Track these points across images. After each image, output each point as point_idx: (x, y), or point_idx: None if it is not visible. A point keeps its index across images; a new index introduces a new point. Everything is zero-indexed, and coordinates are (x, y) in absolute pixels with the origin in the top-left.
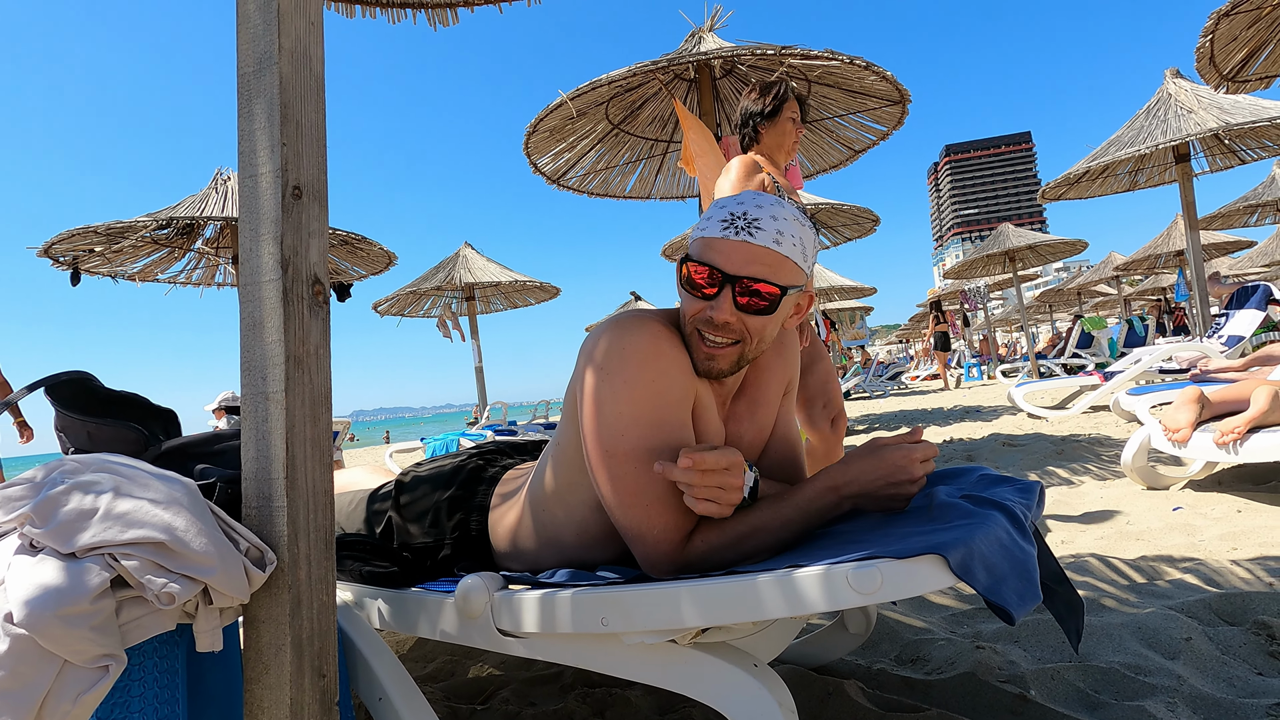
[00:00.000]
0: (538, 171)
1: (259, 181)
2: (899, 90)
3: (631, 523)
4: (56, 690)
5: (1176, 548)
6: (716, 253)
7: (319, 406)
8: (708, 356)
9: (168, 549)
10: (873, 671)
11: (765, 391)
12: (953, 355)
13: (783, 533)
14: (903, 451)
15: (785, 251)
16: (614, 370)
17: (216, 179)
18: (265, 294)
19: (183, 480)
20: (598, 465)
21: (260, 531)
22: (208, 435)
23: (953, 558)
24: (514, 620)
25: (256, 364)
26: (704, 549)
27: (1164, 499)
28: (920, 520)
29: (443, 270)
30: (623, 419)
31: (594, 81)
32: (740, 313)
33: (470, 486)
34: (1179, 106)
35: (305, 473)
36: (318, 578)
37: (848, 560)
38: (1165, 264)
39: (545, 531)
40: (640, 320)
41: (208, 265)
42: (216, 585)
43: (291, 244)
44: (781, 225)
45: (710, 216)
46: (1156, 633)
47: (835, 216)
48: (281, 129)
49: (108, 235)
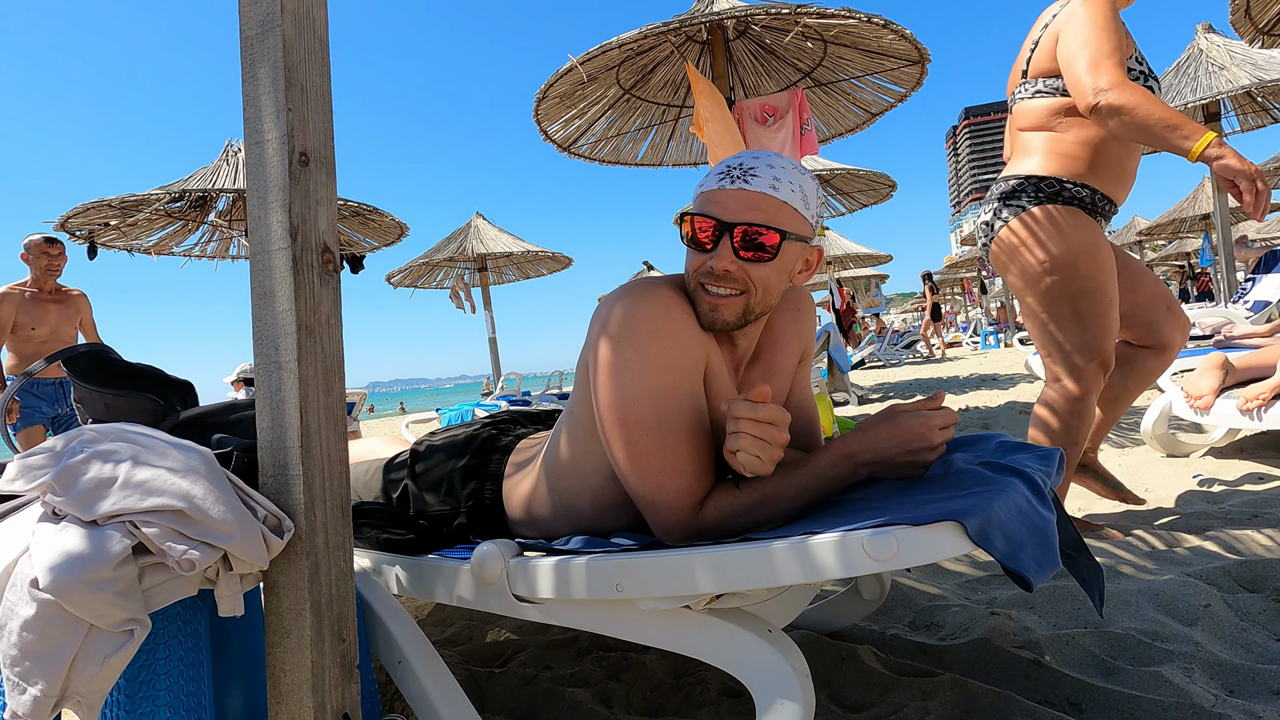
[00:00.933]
0: (548, 139)
1: (265, 148)
2: (918, 49)
3: (645, 489)
4: (84, 653)
5: (1196, 515)
6: (713, 203)
7: (331, 375)
8: (711, 307)
9: (186, 516)
10: (886, 637)
11: (780, 358)
12: (969, 323)
13: (797, 500)
14: (921, 419)
15: (783, 197)
16: (625, 338)
17: (227, 151)
18: (275, 263)
19: (200, 449)
20: (611, 432)
21: (277, 499)
22: (223, 405)
23: (970, 524)
24: (529, 586)
25: (268, 333)
26: (717, 515)
27: (1184, 466)
28: (937, 487)
29: (455, 241)
30: (634, 386)
31: (604, 45)
32: (741, 262)
33: (484, 455)
34: (1210, 63)
35: (320, 440)
36: (335, 544)
37: (864, 527)
38: (1190, 228)
39: (559, 499)
40: (650, 286)
41: (222, 238)
42: (235, 552)
43: (300, 212)
44: (779, 173)
45: (710, 173)
46: (1174, 599)
47: (850, 182)
48: (286, 93)
49: (122, 209)
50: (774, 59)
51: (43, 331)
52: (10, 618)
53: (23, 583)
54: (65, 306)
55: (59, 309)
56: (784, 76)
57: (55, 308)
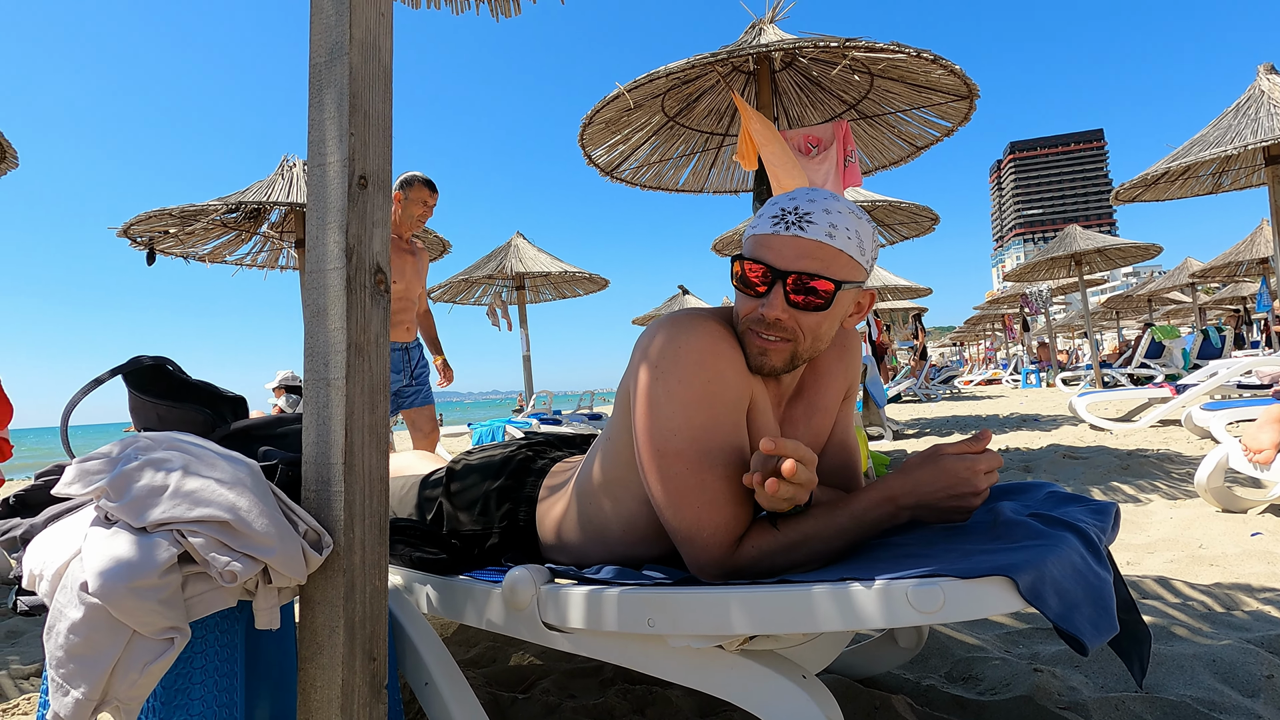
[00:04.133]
0: (592, 163)
1: (327, 170)
2: (967, 84)
3: (681, 524)
4: (126, 659)
5: (1255, 576)
6: (767, 249)
7: (377, 394)
8: (760, 351)
9: (231, 528)
10: (922, 687)
11: (824, 396)
12: (1009, 360)
13: (836, 541)
14: (966, 462)
15: (839, 245)
16: (668, 369)
17: (283, 166)
18: (329, 282)
19: (247, 461)
20: (649, 464)
21: (318, 514)
22: (272, 418)
23: (1022, 580)
24: (559, 615)
25: (319, 350)
26: (755, 554)
27: (1241, 523)
28: (985, 537)
29: (494, 259)
30: (676, 418)
31: (651, 74)
32: (793, 309)
33: (519, 477)
34: (1273, 104)
35: (363, 459)
36: (371, 563)
37: (909, 576)
38: (1246, 272)
39: (591, 525)
40: (697, 319)
41: (272, 249)
42: (276, 565)
43: (356, 233)
44: (835, 219)
45: (762, 214)
46: (1233, 667)
47: (892, 214)
48: (350, 119)
49: (181, 217)
50: (819, 90)
51: (398, 286)
52: (59, 619)
53: (73, 585)
54: (418, 260)
55: (413, 261)
56: (829, 108)
57: (410, 260)
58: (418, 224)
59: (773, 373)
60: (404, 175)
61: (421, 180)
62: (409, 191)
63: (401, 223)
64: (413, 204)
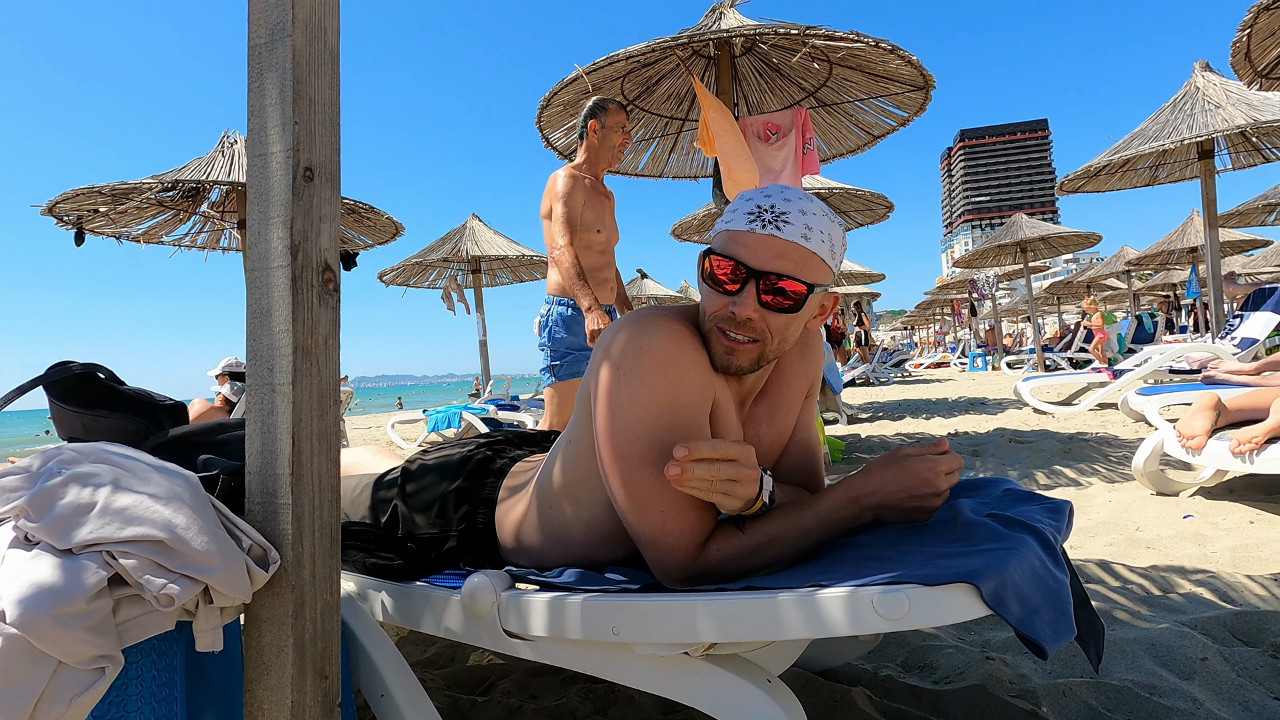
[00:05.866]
0: (550, 146)
1: (269, 161)
2: (923, 75)
3: (645, 528)
4: (51, 692)
5: (1188, 558)
6: (741, 246)
7: (326, 399)
8: (727, 350)
9: (167, 547)
10: (880, 678)
11: (786, 394)
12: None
13: (801, 543)
14: (928, 463)
15: (813, 248)
16: (630, 370)
17: (223, 142)
18: (273, 280)
19: (184, 473)
20: (610, 467)
21: (264, 528)
22: (211, 425)
23: (985, 587)
24: (521, 622)
25: (263, 354)
26: (719, 557)
27: (1174, 505)
28: (945, 539)
29: (449, 242)
30: (638, 421)
31: (611, 56)
32: (764, 310)
33: (478, 478)
34: (1207, 101)
35: (311, 468)
36: (322, 577)
37: (874, 583)
38: (1178, 260)
39: (552, 528)
40: (659, 318)
41: (213, 229)
42: (217, 585)
43: (302, 228)
44: (811, 220)
45: (735, 209)
46: (1171, 650)
47: (849, 202)
48: (294, 106)
49: (112, 196)
50: (779, 77)
51: (600, 237)
52: None
53: None
54: (611, 203)
55: (611, 207)
56: (788, 95)
57: (609, 205)
58: (617, 156)
59: (739, 372)
60: (592, 100)
61: (615, 103)
62: (605, 118)
63: (599, 157)
64: (611, 132)
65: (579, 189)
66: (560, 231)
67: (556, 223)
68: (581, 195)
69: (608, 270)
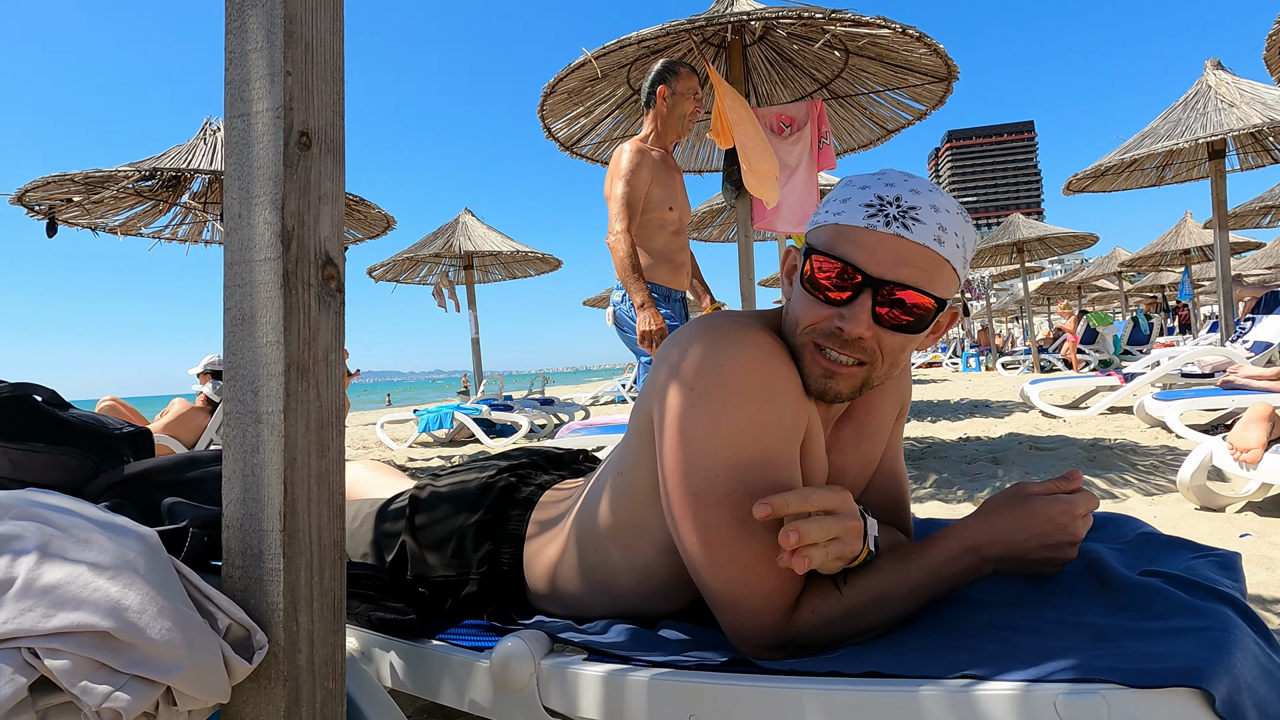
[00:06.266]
0: (551, 136)
1: (252, 123)
2: (948, 65)
3: (722, 585)
4: None
5: (1263, 585)
6: (857, 246)
7: (328, 430)
8: (826, 374)
9: (113, 640)
10: None
11: (876, 416)
12: (949, 343)
13: (910, 602)
14: (1061, 505)
15: (946, 254)
16: (708, 393)
17: (205, 129)
18: (259, 277)
19: (138, 530)
20: (682, 511)
21: (246, 601)
22: (179, 459)
23: (1218, 692)
24: (567, 700)
25: (244, 372)
26: (813, 621)
27: (1225, 522)
28: (1105, 605)
29: (441, 237)
30: (718, 456)
31: (621, 40)
32: (877, 326)
33: (501, 510)
34: (1220, 100)
35: (309, 520)
36: (322, 660)
37: (1054, 677)
38: (1170, 261)
39: (595, 574)
40: (742, 327)
41: (194, 221)
42: (183, 687)
43: (296, 210)
44: (944, 219)
45: (846, 197)
46: None
47: None
48: (285, 52)
49: (86, 184)
50: (791, 67)
51: (674, 215)
52: None
53: None
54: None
55: (682, 181)
56: (799, 86)
57: (680, 179)
58: (687, 127)
59: (836, 399)
60: (660, 63)
61: (687, 66)
62: (675, 82)
63: (668, 128)
64: (683, 99)
65: (646, 165)
66: (617, 214)
67: (614, 204)
68: (649, 172)
69: (683, 253)
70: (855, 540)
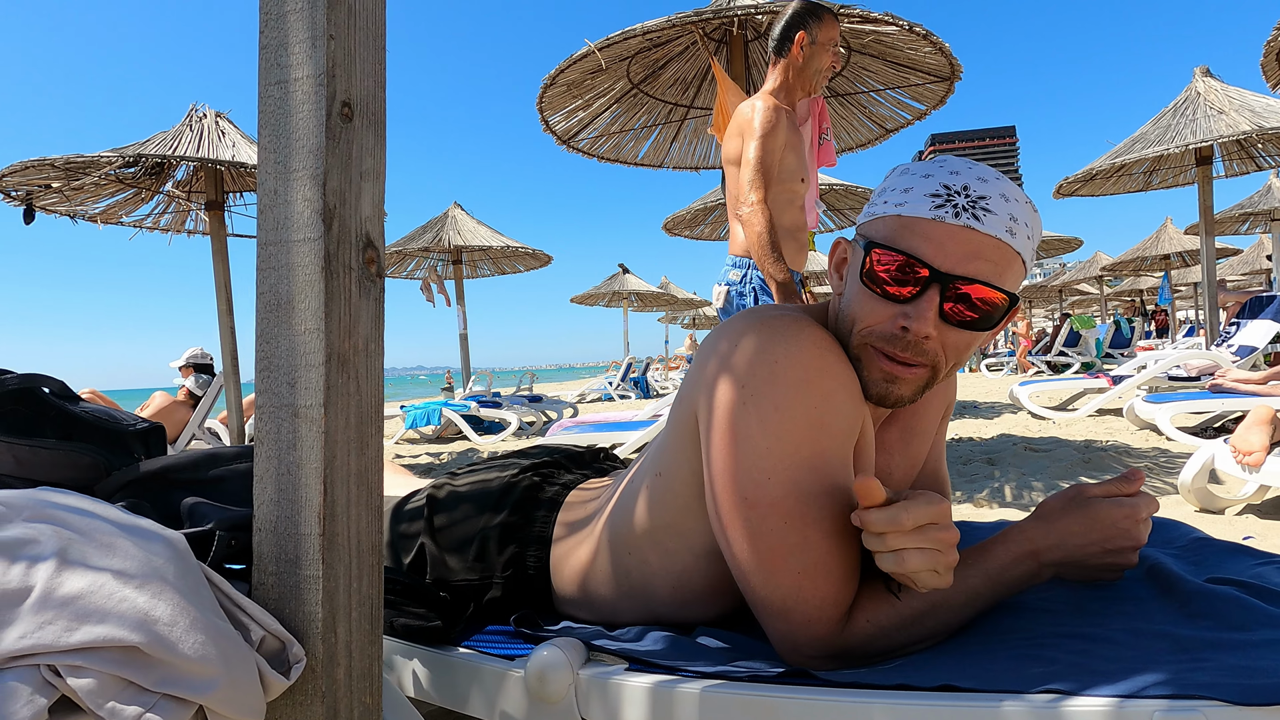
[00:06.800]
0: (548, 130)
1: (290, 90)
2: (951, 65)
3: (774, 593)
4: None
5: None
6: (924, 240)
7: (368, 426)
8: (888, 377)
9: (143, 656)
10: None
11: (922, 416)
12: None
13: (967, 610)
14: (1123, 508)
15: (1018, 246)
16: (762, 390)
17: (191, 115)
18: (297, 259)
19: (164, 534)
20: (731, 515)
21: (281, 611)
22: (198, 456)
23: None
24: (609, 712)
25: (280, 363)
26: (869, 630)
27: (1227, 525)
28: (1178, 614)
29: (430, 231)
30: (771, 456)
31: (626, 31)
32: (943, 323)
33: (526, 511)
34: (1209, 106)
35: (348, 524)
36: (360, 674)
37: (1151, 694)
38: (1150, 266)
39: (629, 579)
40: (797, 322)
41: (178, 210)
42: (218, 706)
43: (338, 187)
44: (1015, 209)
45: (908, 186)
46: None
47: (845, 199)
48: (328, 13)
49: (66, 170)
50: None
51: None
52: None
53: None
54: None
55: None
56: None
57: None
58: (819, 84)
59: (897, 404)
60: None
61: (830, 12)
62: (818, 30)
63: (799, 82)
64: (822, 50)
65: (781, 125)
66: (754, 182)
67: (748, 170)
68: (784, 134)
69: (804, 232)
70: (954, 555)
